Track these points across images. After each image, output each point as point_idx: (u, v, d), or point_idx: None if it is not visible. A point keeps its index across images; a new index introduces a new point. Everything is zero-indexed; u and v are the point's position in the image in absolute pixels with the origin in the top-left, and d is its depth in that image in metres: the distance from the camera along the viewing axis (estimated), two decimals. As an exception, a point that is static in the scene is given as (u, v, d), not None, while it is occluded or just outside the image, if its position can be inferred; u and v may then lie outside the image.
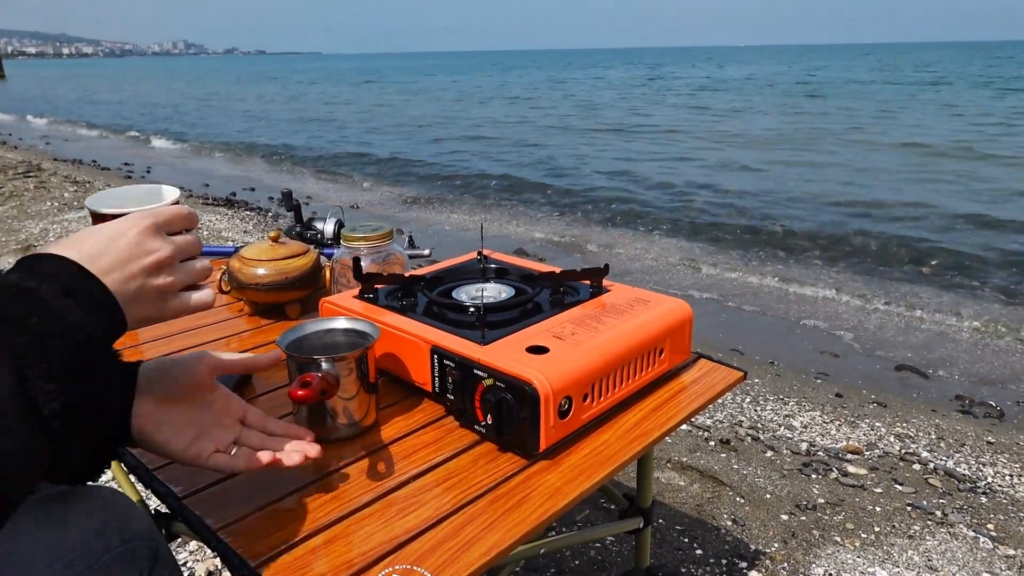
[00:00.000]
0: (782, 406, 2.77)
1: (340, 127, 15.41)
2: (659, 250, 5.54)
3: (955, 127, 12.99)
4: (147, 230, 0.61)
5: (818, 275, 4.84)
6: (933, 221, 6.30)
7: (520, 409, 0.86)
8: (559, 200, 7.52)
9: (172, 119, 18.09)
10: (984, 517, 1.99)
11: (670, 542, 1.82)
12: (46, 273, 0.54)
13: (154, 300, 0.61)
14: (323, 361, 0.87)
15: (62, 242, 0.58)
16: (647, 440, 0.94)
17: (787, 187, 7.84)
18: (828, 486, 2.13)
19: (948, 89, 23.12)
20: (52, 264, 0.55)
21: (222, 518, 0.78)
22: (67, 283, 0.54)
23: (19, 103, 24.75)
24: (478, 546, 0.74)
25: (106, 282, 0.56)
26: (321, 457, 0.78)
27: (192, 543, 1.75)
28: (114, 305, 0.57)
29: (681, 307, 1.11)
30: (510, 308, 1.08)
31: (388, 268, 1.30)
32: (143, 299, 0.60)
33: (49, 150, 11.65)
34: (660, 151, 10.82)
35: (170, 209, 0.65)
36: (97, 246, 0.57)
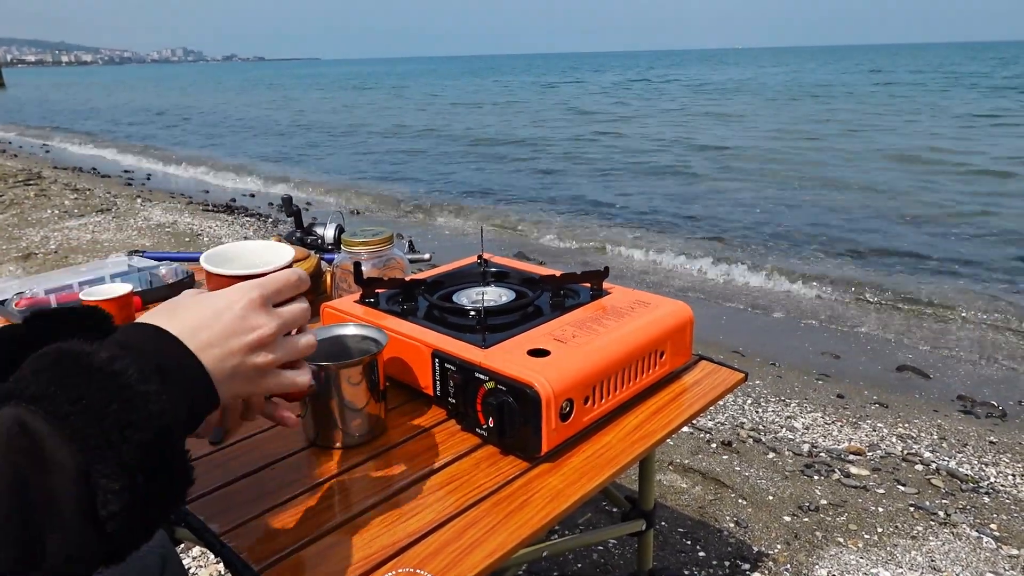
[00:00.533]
0: (783, 407, 2.77)
1: (336, 131, 15.43)
2: (657, 251, 5.54)
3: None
4: (254, 303, 0.58)
5: (817, 275, 4.84)
6: (935, 221, 6.31)
7: (522, 412, 0.86)
8: (557, 202, 7.53)
9: (170, 125, 18.12)
10: (987, 517, 1.99)
11: (672, 544, 1.82)
12: (139, 347, 0.51)
13: (251, 378, 0.58)
14: (325, 368, 0.87)
15: (165, 310, 0.56)
16: (649, 442, 0.95)
17: (787, 187, 7.85)
18: (830, 487, 2.13)
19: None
20: (148, 337, 0.52)
21: (225, 523, 0.78)
22: (160, 361, 0.51)
23: (21, 113, 24.77)
24: (481, 549, 0.74)
25: (203, 359, 0.54)
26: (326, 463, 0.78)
27: (195, 549, 1.75)
28: (208, 385, 0.54)
29: (682, 309, 1.11)
30: (511, 311, 1.08)
31: (389, 272, 1.31)
32: (239, 377, 0.57)
33: (49, 158, 11.67)
34: (658, 151, 10.84)
35: (280, 277, 0.61)
36: (200, 319, 0.55)
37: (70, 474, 0.43)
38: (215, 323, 0.55)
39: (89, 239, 5.26)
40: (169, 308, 0.56)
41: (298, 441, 0.94)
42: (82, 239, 5.25)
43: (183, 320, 0.54)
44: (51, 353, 0.48)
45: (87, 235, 5.38)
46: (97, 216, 6.09)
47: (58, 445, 0.43)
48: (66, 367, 0.47)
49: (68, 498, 0.42)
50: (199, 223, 5.88)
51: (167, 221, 5.94)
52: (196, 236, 5.37)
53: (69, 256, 4.75)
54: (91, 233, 5.44)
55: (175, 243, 5.14)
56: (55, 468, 0.42)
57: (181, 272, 1.59)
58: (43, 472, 0.42)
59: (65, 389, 0.45)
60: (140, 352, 0.50)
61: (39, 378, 0.46)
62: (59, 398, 0.45)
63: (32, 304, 1.36)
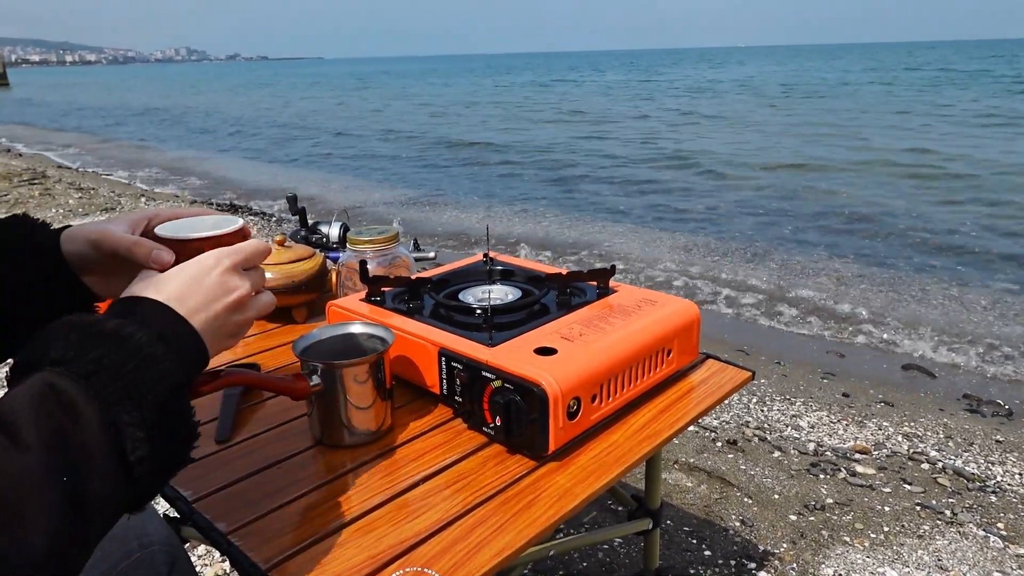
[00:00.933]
0: (789, 406, 2.76)
1: (341, 131, 15.44)
2: (662, 250, 5.53)
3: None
4: (228, 269, 0.64)
5: (822, 273, 4.83)
6: (939, 218, 6.28)
7: (529, 410, 0.86)
8: (561, 200, 7.52)
9: (175, 125, 18.15)
10: (994, 516, 1.98)
11: (678, 543, 1.82)
12: (142, 317, 0.57)
13: (232, 334, 0.65)
14: (332, 366, 0.87)
15: (148, 282, 0.61)
16: (656, 440, 0.94)
17: (788, 185, 7.83)
18: (836, 486, 2.12)
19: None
20: (148, 308, 0.58)
21: (232, 522, 0.78)
22: (161, 328, 0.57)
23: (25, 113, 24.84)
24: (489, 548, 0.74)
25: (193, 323, 0.60)
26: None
27: (200, 547, 1.75)
28: (201, 346, 0.60)
29: (689, 307, 1.11)
30: (517, 310, 1.08)
31: (394, 271, 1.31)
32: (223, 334, 0.63)
33: (53, 157, 11.69)
34: (660, 152, 10.83)
35: (250, 246, 0.67)
36: (183, 287, 0.60)
37: (99, 426, 0.49)
38: (198, 290, 0.61)
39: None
40: (153, 280, 0.61)
41: (304, 440, 0.94)
42: (86, 238, 5.26)
43: (169, 290, 0.60)
44: (63, 324, 0.54)
45: (91, 234, 5.39)
46: (101, 215, 6.10)
47: (85, 402, 0.49)
48: (81, 334, 0.53)
49: (100, 446, 0.48)
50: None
51: (171, 220, 5.94)
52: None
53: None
54: (95, 232, 5.45)
55: (179, 242, 5.14)
56: (86, 422, 0.48)
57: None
58: (77, 426, 0.48)
59: (84, 351, 0.51)
60: (142, 320, 0.56)
61: (57, 345, 0.52)
62: (80, 360, 0.51)
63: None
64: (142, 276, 0.62)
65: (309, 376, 0.88)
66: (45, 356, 0.52)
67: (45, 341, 0.53)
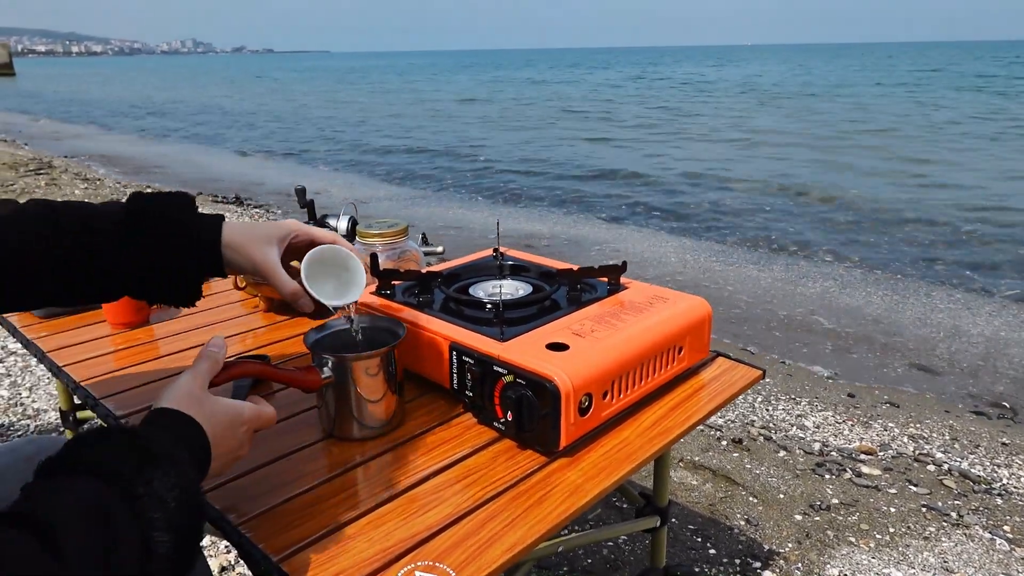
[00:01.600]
0: (794, 406, 2.75)
1: (344, 125, 15.43)
2: (667, 247, 5.52)
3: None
4: (248, 433, 0.75)
5: (827, 274, 4.82)
6: (943, 219, 6.26)
7: (541, 406, 0.85)
8: (568, 197, 7.50)
9: (180, 117, 18.16)
10: (1000, 519, 1.97)
11: (683, 541, 1.81)
12: (190, 444, 0.65)
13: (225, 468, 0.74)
14: (343, 359, 0.87)
15: (197, 405, 0.69)
16: (667, 438, 0.94)
17: (794, 184, 7.81)
18: (842, 486, 2.11)
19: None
20: (195, 437, 0.66)
21: (242, 513, 0.77)
22: (196, 455, 0.65)
23: (31, 102, 24.88)
24: (500, 543, 0.73)
25: (212, 465, 0.68)
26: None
27: (206, 539, 1.75)
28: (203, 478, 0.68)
29: (700, 305, 1.10)
30: (528, 305, 1.07)
31: (403, 264, 1.30)
32: (213, 474, 0.71)
33: (60, 148, 11.71)
34: (663, 151, 10.80)
35: (270, 418, 0.78)
36: (222, 431, 0.70)
37: (137, 548, 0.52)
38: (227, 439, 0.71)
39: (99, 229, 5.27)
40: (202, 407, 0.69)
41: (314, 432, 0.94)
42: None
43: (213, 428, 0.68)
44: (120, 433, 0.60)
45: (97, 225, 5.39)
46: (107, 206, 6.10)
47: (129, 525, 0.52)
48: (138, 452, 0.58)
49: (132, 565, 0.51)
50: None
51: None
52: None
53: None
54: (101, 223, 5.45)
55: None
56: (125, 547, 0.51)
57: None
58: (116, 550, 0.50)
59: (139, 471, 0.56)
60: (190, 447, 0.65)
61: (111, 454, 0.57)
62: (134, 481, 0.55)
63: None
64: (187, 391, 0.70)
65: (320, 369, 0.87)
66: (98, 463, 0.55)
67: (95, 447, 0.57)
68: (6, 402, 2.48)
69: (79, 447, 0.57)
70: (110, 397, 1.04)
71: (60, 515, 0.49)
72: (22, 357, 2.83)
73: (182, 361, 1.17)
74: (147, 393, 1.06)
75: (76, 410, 1.67)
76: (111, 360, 1.17)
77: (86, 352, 1.20)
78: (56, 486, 0.53)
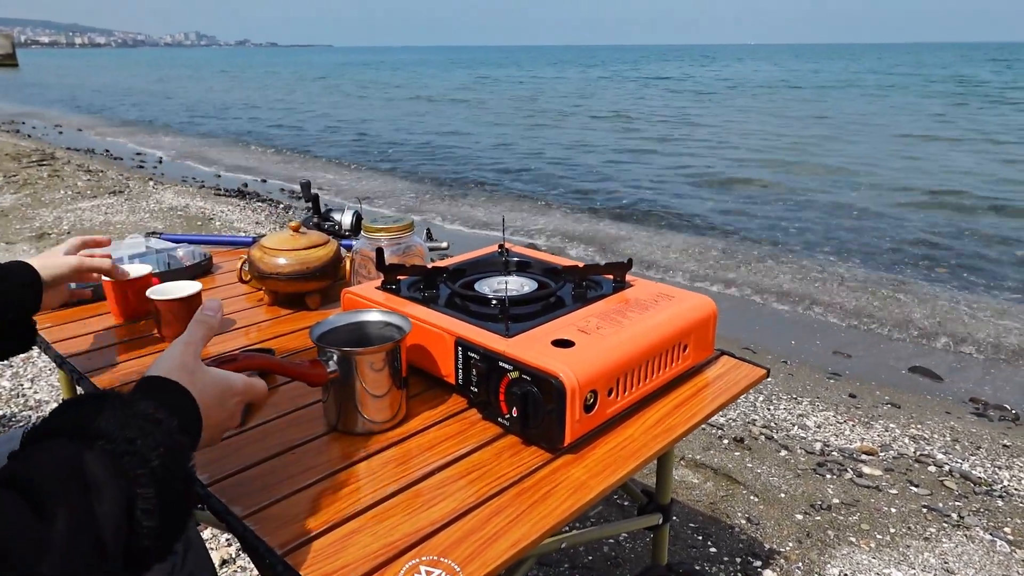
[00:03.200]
0: (795, 405, 2.75)
1: (348, 121, 15.42)
2: (669, 246, 5.52)
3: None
4: (240, 404, 0.75)
5: (829, 274, 4.81)
6: (945, 220, 6.25)
7: (546, 402, 0.85)
8: (571, 194, 7.50)
9: (183, 110, 18.15)
10: (1001, 520, 1.97)
11: (684, 539, 1.81)
12: (176, 405, 0.64)
13: (213, 438, 0.73)
14: (348, 354, 0.87)
15: (185, 370, 0.68)
16: (671, 436, 0.94)
17: (795, 187, 7.80)
18: (843, 486, 2.11)
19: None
20: (182, 399, 0.65)
21: (247, 506, 0.77)
22: (186, 423, 0.64)
23: (35, 93, 24.86)
24: (505, 539, 0.73)
25: (203, 432, 0.68)
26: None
27: (206, 531, 1.75)
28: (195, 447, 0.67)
29: (705, 303, 1.10)
30: (533, 301, 1.07)
31: (408, 260, 1.30)
32: (207, 439, 0.70)
33: (62, 139, 11.70)
34: (668, 149, 10.79)
35: (262, 391, 0.78)
36: (211, 400, 0.69)
37: (120, 502, 0.51)
38: (217, 410, 0.70)
39: (102, 220, 5.27)
40: (195, 374, 0.68)
41: (319, 426, 0.94)
42: (95, 220, 5.26)
43: (204, 398, 0.68)
44: (98, 396, 0.59)
45: (100, 216, 5.40)
46: (110, 198, 6.11)
47: (113, 482, 0.52)
48: (120, 411, 0.57)
49: (114, 534, 0.50)
50: (211, 207, 5.89)
51: (179, 204, 5.94)
52: (208, 220, 5.38)
53: (82, 237, 4.76)
54: (104, 215, 5.46)
55: (187, 226, 5.14)
56: (109, 503, 0.51)
57: (199, 255, 1.59)
58: (101, 506, 0.50)
59: (121, 430, 0.55)
60: (174, 408, 0.63)
61: (92, 416, 0.56)
62: (117, 439, 0.55)
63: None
64: (180, 362, 0.69)
65: (326, 363, 0.87)
66: (80, 425, 0.55)
67: (78, 410, 0.57)
68: (8, 393, 2.49)
69: (64, 411, 0.57)
70: (114, 389, 1.04)
71: (41, 475, 0.49)
72: (24, 348, 2.83)
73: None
74: (151, 385, 1.06)
75: (79, 401, 1.67)
76: (115, 352, 1.17)
77: (90, 343, 1.20)
78: (39, 448, 0.53)
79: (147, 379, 0.66)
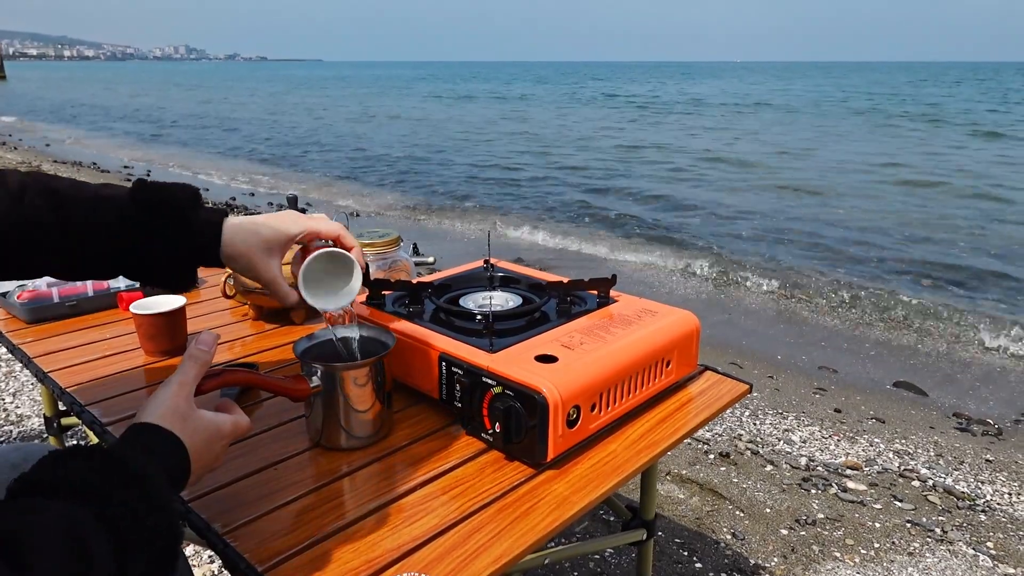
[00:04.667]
0: (781, 420, 2.76)
1: (337, 134, 15.44)
2: (655, 261, 5.55)
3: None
4: (225, 447, 0.74)
5: (816, 290, 4.85)
6: (934, 238, 6.33)
7: (529, 417, 0.85)
8: (555, 209, 7.53)
9: (170, 123, 18.12)
10: (984, 535, 1.99)
11: (669, 555, 1.81)
12: (165, 457, 0.64)
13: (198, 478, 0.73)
14: (332, 369, 0.87)
15: (176, 417, 0.67)
16: (654, 451, 0.94)
17: (782, 205, 7.88)
18: (828, 501, 2.12)
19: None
20: (172, 450, 0.65)
21: (228, 522, 0.77)
22: (175, 473, 0.65)
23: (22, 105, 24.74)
24: (486, 555, 0.73)
25: (191, 477, 0.68)
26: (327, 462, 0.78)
27: (188, 548, 1.73)
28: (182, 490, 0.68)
29: (688, 319, 1.11)
30: (518, 316, 1.08)
31: (394, 274, 1.30)
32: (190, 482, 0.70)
33: (49, 151, 11.64)
34: (656, 163, 10.88)
35: (245, 429, 0.77)
36: (202, 446, 0.69)
37: (110, 568, 0.51)
38: (206, 455, 0.70)
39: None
40: (185, 423, 0.68)
41: (302, 441, 0.94)
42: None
43: (194, 444, 0.67)
44: (89, 452, 0.57)
45: (85, 230, 5.36)
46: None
47: (104, 547, 0.51)
48: (109, 471, 0.56)
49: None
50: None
51: (166, 218, 5.91)
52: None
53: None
54: (89, 228, 5.42)
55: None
56: (98, 564, 0.50)
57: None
58: (91, 567, 0.49)
59: (113, 491, 0.55)
60: (162, 456, 0.64)
61: (83, 475, 0.55)
62: (107, 502, 0.54)
63: (34, 297, 1.35)
64: (173, 405, 0.68)
65: (309, 377, 0.87)
66: (68, 482, 0.54)
67: (66, 465, 0.55)
68: (-11, 407, 2.46)
69: (54, 465, 0.55)
70: (96, 404, 1.04)
71: (32, 536, 0.47)
72: (6, 362, 2.81)
73: (168, 368, 1.16)
74: (133, 400, 1.05)
75: (60, 416, 1.66)
76: (97, 366, 1.17)
77: (72, 358, 1.20)
78: (29, 505, 0.51)
79: (139, 427, 0.65)
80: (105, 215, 0.79)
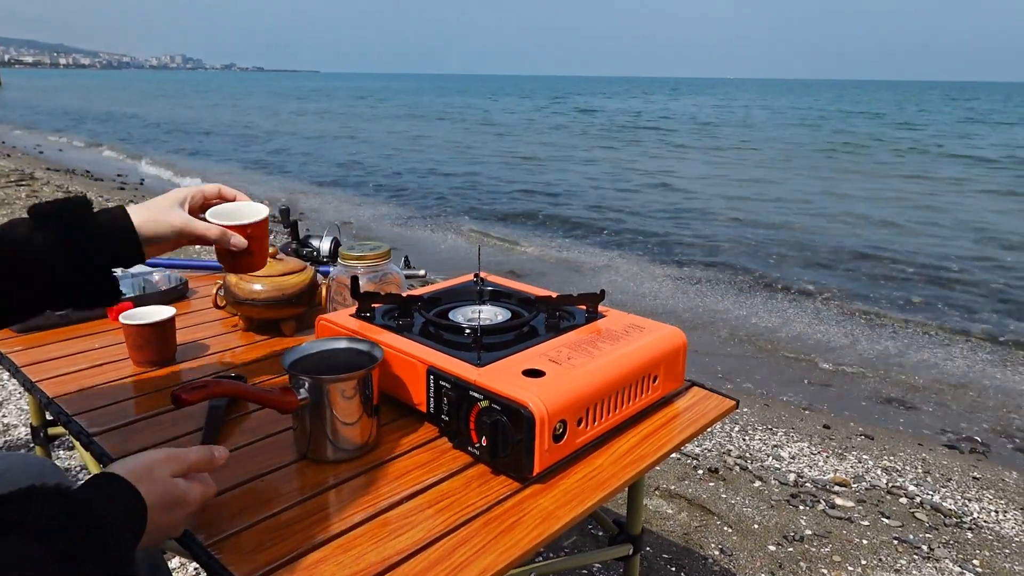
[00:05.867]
0: (770, 436, 2.77)
1: (331, 146, 15.47)
2: (645, 276, 5.57)
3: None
4: (188, 520, 0.73)
5: (806, 307, 4.88)
6: (923, 253, 6.37)
7: (515, 432, 0.86)
8: (546, 223, 7.56)
9: (166, 133, 18.12)
10: (970, 553, 1.99)
11: (657, 570, 1.81)
12: (124, 507, 0.64)
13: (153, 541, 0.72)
14: (320, 381, 0.87)
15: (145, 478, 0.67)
16: (640, 466, 0.95)
17: (770, 218, 7.93)
18: (815, 517, 2.13)
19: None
20: (132, 506, 0.65)
21: (212, 534, 0.77)
22: (134, 524, 0.64)
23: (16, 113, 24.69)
24: (471, 568, 0.73)
25: (145, 539, 0.66)
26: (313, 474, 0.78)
27: (174, 560, 1.72)
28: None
29: (675, 334, 1.12)
30: (506, 331, 1.08)
31: (384, 287, 1.31)
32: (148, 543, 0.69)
33: (42, 159, 11.61)
34: (648, 175, 10.93)
35: (209, 498, 0.76)
36: (161, 509, 0.68)
37: None
38: (164, 519, 0.69)
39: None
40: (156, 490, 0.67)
41: (288, 453, 0.94)
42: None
43: (155, 506, 0.67)
44: (53, 493, 0.58)
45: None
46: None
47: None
48: (74, 513, 0.57)
49: None
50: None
51: (159, 227, 5.89)
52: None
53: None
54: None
55: (166, 249, 5.10)
56: None
57: (175, 279, 1.58)
58: None
59: (67, 531, 0.55)
60: (123, 510, 0.63)
61: (49, 519, 0.55)
62: (61, 539, 0.54)
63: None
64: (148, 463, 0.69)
65: (297, 390, 0.88)
66: (33, 524, 0.54)
67: (39, 506, 0.56)
68: (-25, 416, 2.44)
69: (17, 504, 0.56)
70: (83, 414, 1.04)
71: None
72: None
73: (156, 378, 1.16)
74: (120, 410, 1.05)
75: (47, 426, 1.65)
76: (85, 376, 1.17)
77: (60, 368, 1.19)
78: None
79: (104, 475, 0.66)
80: (12, 245, 0.80)
